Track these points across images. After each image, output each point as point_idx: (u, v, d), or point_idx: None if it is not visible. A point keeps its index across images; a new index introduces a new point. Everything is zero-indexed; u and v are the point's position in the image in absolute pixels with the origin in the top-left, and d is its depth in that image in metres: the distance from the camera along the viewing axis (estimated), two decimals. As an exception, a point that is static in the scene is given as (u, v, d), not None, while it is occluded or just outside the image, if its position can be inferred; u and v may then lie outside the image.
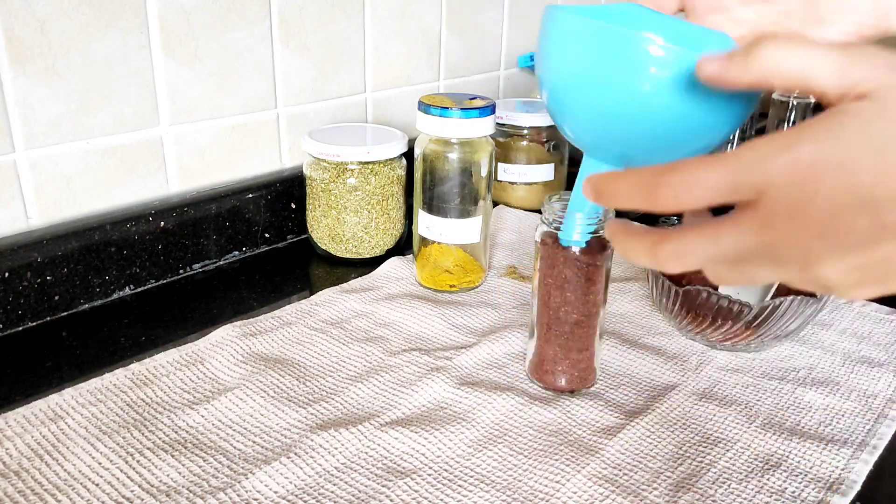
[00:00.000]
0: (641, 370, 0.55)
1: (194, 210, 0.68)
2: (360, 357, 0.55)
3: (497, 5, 0.97)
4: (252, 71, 0.72)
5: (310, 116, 0.78)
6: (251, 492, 0.42)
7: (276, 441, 0.46)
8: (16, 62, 0.56)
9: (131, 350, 0.56)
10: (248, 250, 0.73)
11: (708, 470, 0.45)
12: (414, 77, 0.89)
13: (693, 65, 0.34)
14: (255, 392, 0.51)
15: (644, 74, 0.35)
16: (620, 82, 0.36)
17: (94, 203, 0.64)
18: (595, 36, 0.37)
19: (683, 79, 0.35)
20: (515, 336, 0.58)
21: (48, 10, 0.57)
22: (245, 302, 0.64)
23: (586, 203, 0.45)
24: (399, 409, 0.49)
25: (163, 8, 0.63)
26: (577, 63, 0.39)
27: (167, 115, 0.66)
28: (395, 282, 0.67)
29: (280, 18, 0.73)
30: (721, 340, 0.56)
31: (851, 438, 0.48)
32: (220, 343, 0.56)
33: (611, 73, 0.37)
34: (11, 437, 0.45)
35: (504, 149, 0.85)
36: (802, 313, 0.53)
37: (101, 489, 0.41)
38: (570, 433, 0.48)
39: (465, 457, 0.45)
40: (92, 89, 0.61)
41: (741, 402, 0.51)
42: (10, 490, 0.41)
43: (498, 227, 0.81)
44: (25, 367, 0.53)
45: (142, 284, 0.65)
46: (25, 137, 0.58)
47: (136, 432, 0.46)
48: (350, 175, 0.69)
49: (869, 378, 0.54)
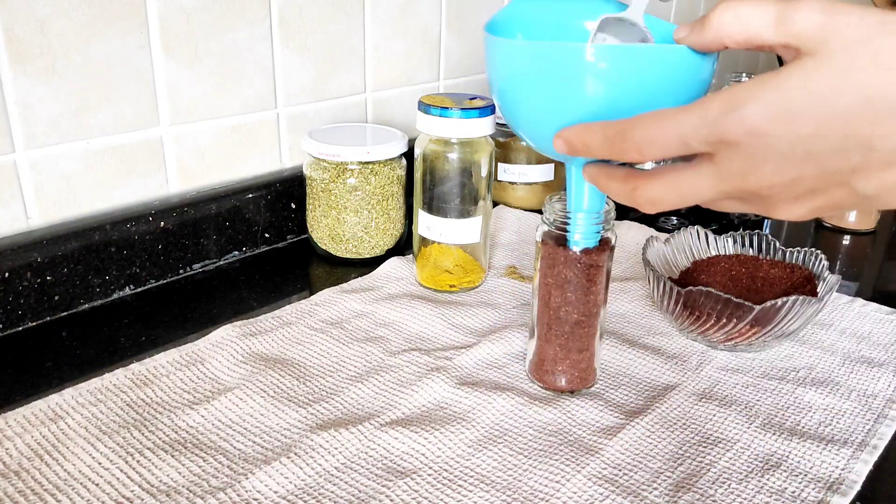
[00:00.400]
0: (641, 370, 0.55)
1: (194, 210, 0.68)
2: (360, 357, 0.55)
3: (497, 5, 0.97)
4: (252, 71, 0.72)
5: (310, 116, 0.78)
6: (251, 492, 0.42)
7: (276, 441, 0.46)
8: (16, 62, 0.56)
9: (131, 350, 0.56)
10: (248, 250, 0.73)
11: (708, 470, 0.45)
12: (414, 77, 0.89)
13: (633, 53, 0.37)
14: (255, 392, 0.51)
15: (583, 79, 0.38)
16: (570, 91, 0.38)
17: (94, 203, 0.64)
18: (524, 57, 0.40)
19: (626, 70, 0.37)
20: (515, 336, 0.58)
21: (48, 10, 0.57)
22: (245, 302, 0.64)
23: (583, 204, 0.46)
24: (399, 409, 0.49)
25: (163, 8, 0.63)
26: (522, 86, 0.41)
27: (167, 115, 0.66)
28: (395, 282, 0.67)
29: (280, 18, 0.73)
30: (722, 340, 0.56)
31: (851, 438, 0.48)
32: (220, 343, 0.56)
33: (558, 83, 0.39)
34: (11, 437, 0.45)
35: (504, 149, 0.85)
36: (803, 313, 0.53)
37: (101, 489, 0.41)
38: (569, 433, 0.48)
39: (465, 457, 0.45)
40: (92, 89, 0.61)
41: (741, 402, 0.51)
42: (10, 490, 0.41)
43: (498, 227, 0.81)
44: (25, 367, 0.53)
45: (142, 284, 0.65)
46: (25, 137, 0.58)
47: (136, 432, 0.46)
48: (350, 175, 0.69)
49: (869, 378, 0.54)
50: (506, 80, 0.42)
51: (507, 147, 0.85)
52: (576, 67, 0.37)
